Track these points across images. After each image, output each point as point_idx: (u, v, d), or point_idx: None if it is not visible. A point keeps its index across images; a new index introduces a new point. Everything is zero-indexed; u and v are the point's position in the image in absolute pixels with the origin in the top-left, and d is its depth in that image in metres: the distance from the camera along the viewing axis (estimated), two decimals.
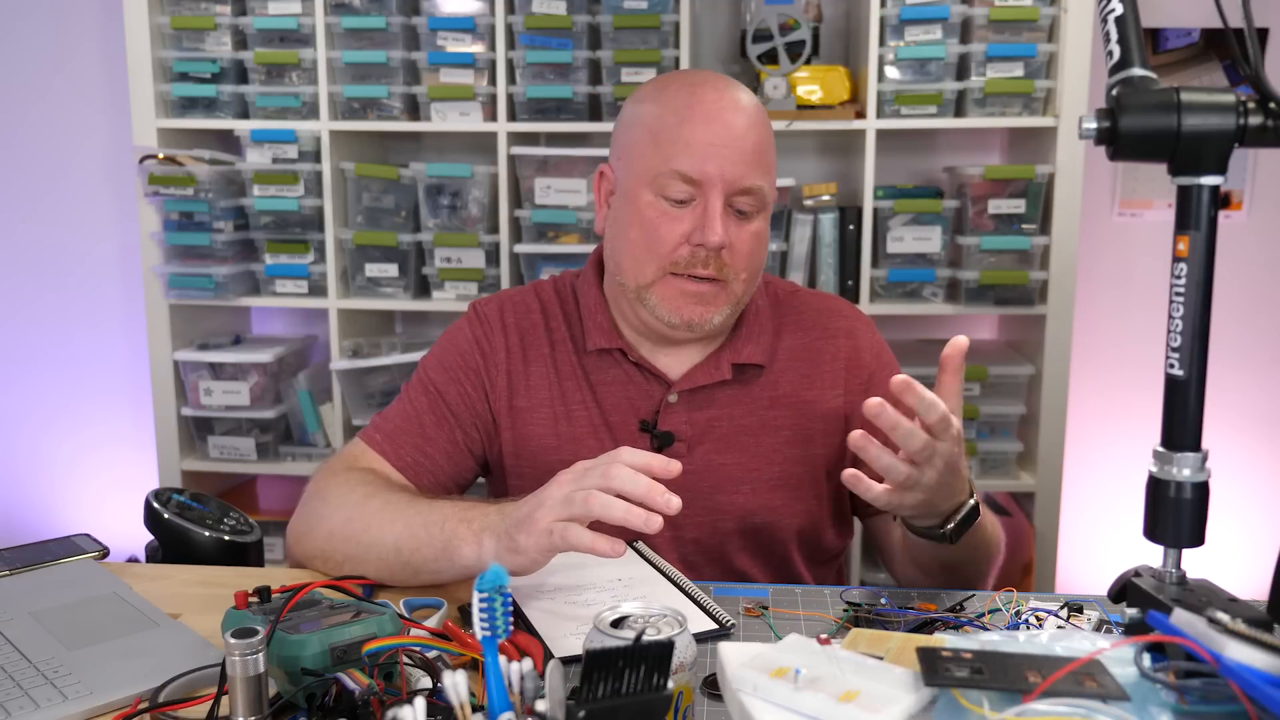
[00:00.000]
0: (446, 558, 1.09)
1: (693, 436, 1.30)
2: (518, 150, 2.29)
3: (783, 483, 1.30)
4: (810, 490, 1.32)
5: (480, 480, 1.40)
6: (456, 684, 0.67)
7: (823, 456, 1.32)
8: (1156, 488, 0.83)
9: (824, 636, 0.83)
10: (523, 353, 1.34)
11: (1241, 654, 0.67)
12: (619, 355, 1.31)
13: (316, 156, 2.35)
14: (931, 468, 1.02)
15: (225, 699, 0.81)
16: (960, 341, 1.07)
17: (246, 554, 1.30)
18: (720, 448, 1.30)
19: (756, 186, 1.22)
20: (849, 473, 1.05)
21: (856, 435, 1.02)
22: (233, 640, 0.79)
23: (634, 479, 0.98)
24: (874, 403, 0.99)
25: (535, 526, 1.01)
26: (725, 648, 0.78)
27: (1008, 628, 1.01)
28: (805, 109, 2.25)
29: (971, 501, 1.12)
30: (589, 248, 2.26)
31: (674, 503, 0.97)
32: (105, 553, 1.26)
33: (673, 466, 1.00)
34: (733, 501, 1.29)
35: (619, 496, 0.98)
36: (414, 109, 2.36)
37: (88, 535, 1.30)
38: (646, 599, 0.97)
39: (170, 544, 1.30)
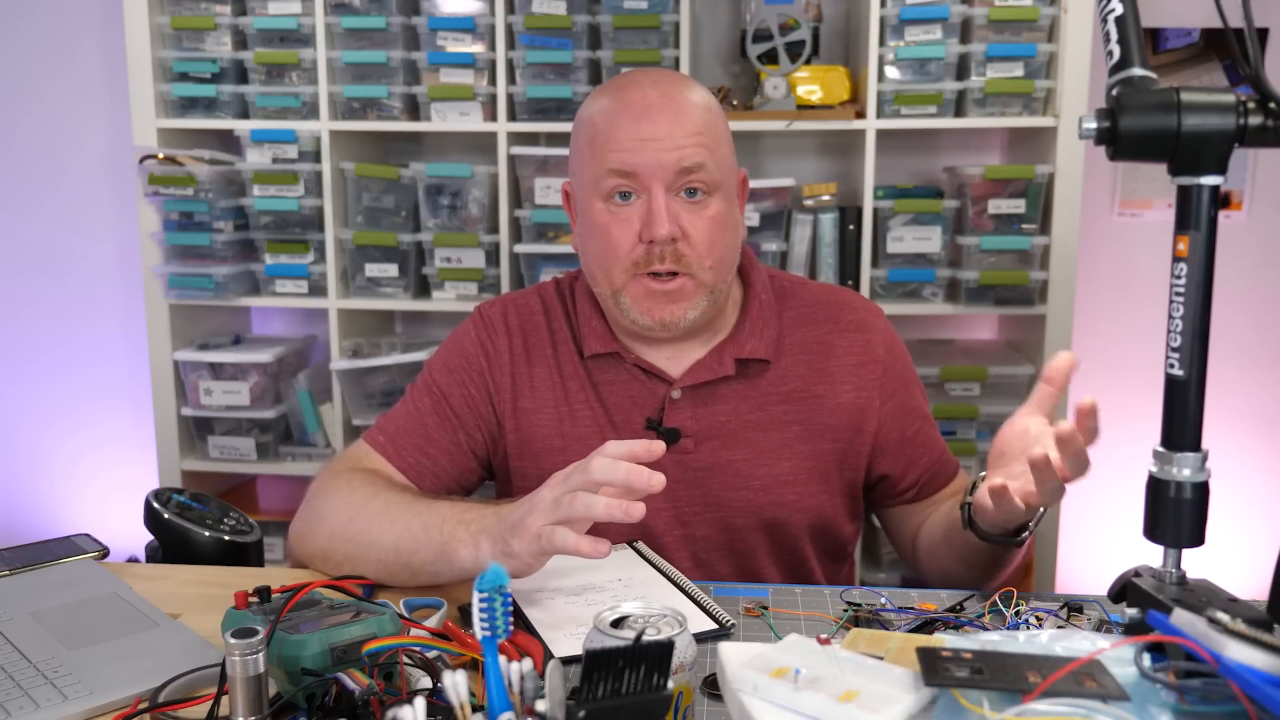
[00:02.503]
0: (444, 559, 1.09)
1: (699, 433, 1.29)
2: (518, 150, 2.28)
3: (792, 478, 1.30)
4: (820, 485, 1.31)
5: (489, 482, 1.40)
6: (456, 684, 0.67)
7: (833, 451, 1.31)
8: (1156, 488, 0.83)
9: (824, 636, 0.83)
10: (526, 354, 1.34)
11: (1241, 654, 0.67)
12: (618, 357, 1.32)
13: (316, 156, 2.34)
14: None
15: (225, 699, 0.81)
16: (1069, 358, 1.04)
17: (246, 554, 1.30)
18: (728, 444, 1.29)
19: (696, 163, 1.20)
20: (998, 485, 1.03)
21: (1039, 455, 0.97)
22: (233, 640, 0.79)
23: (611, 467, 0.98)
24: (1088, 404, 0.95)
25: (526, 531, 1.01)
26: (725, 648, 0.78)
27: (1008, 628, 1.01)
28: (805, 109, 2.25)
29: None
30: None
31: (656, 480, 0.98)
32: (105, 553, 1.26)
33: (655, 447, 1.01)
34: (741, 497, 1.29)
35: (605, 487, 0.98)
36: (414, 109, 2.36)
37: (88, 535, 1.30)
38: (646, 599, 0.97)
39: (170, 544, 1.30)
